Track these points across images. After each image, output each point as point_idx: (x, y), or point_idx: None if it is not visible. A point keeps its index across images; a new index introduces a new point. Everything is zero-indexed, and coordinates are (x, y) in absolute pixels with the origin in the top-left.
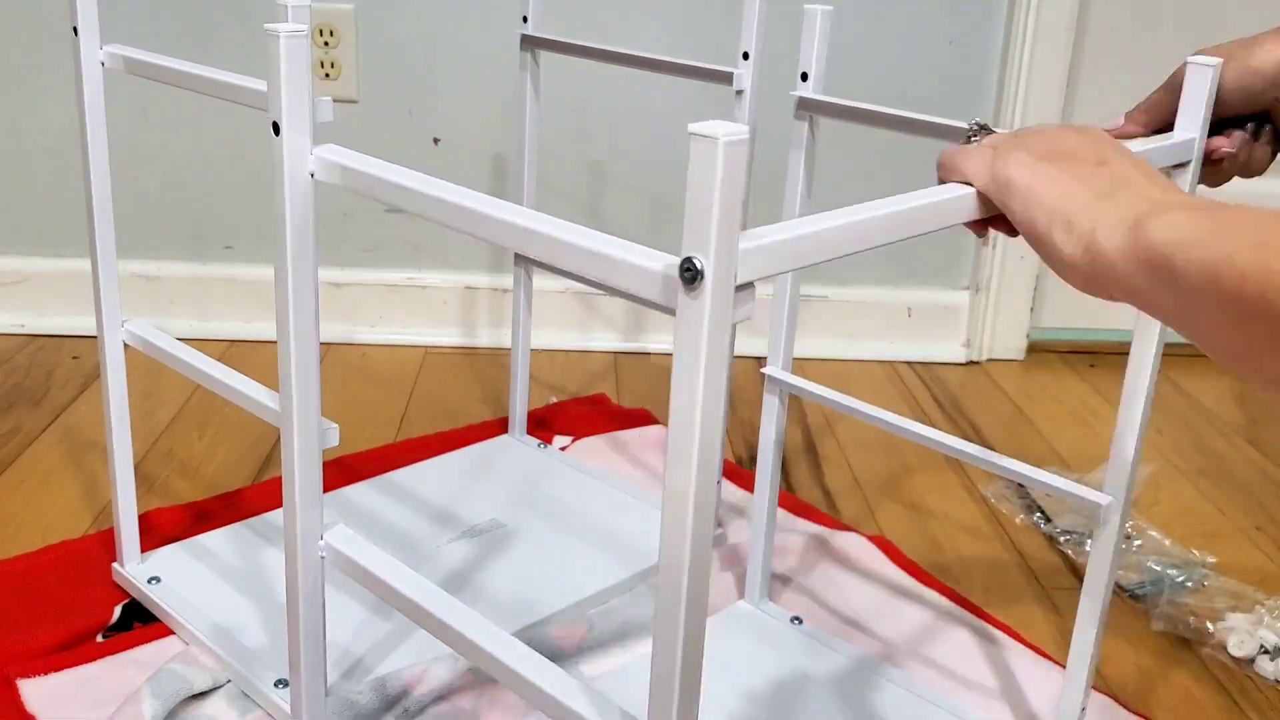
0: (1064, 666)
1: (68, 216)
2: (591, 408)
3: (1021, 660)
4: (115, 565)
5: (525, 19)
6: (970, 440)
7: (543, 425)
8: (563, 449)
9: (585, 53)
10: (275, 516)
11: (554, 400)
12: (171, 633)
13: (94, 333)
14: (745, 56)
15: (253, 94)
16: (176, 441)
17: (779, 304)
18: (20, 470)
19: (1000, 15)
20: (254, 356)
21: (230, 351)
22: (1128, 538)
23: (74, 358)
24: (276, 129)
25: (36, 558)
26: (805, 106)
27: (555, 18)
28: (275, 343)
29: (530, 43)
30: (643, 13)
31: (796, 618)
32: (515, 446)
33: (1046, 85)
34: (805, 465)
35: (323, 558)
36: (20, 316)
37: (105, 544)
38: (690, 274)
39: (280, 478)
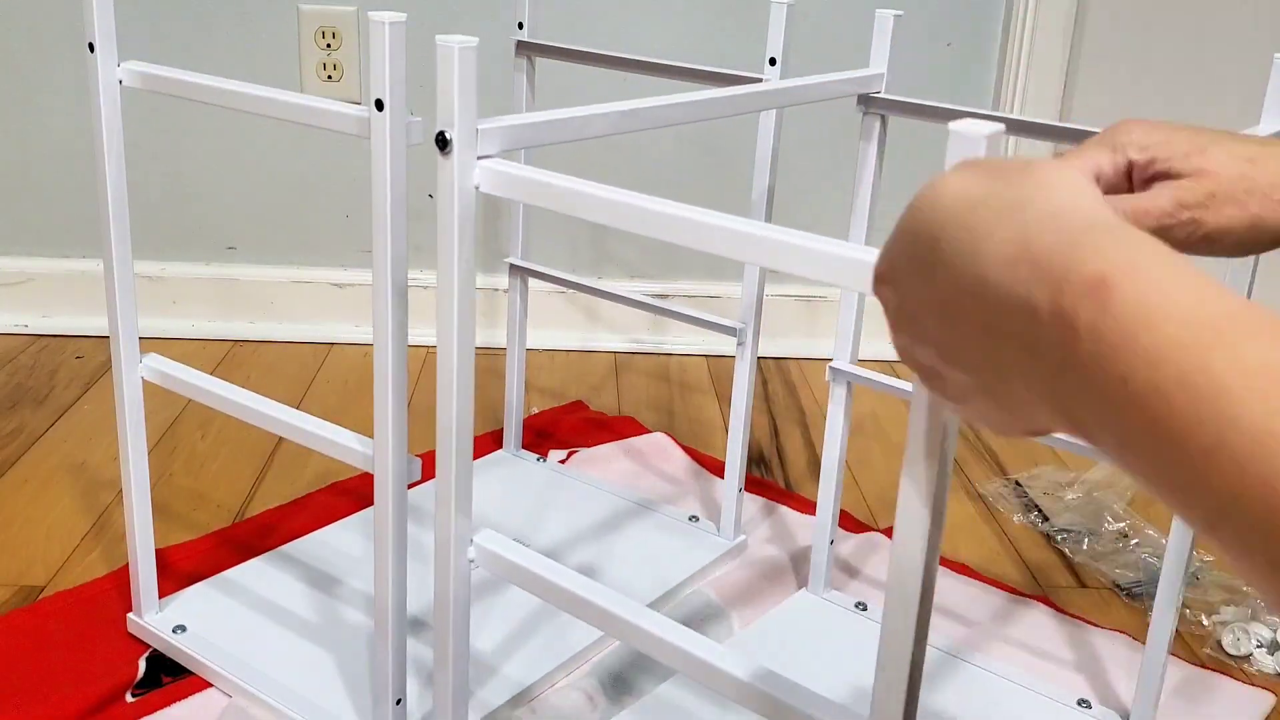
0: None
1: (71, 217)
2: (575, 416)
3: (1093, 639)
4: (131, 616)
5: (521, 25)
6: (967, 440)
7: (534, 436)
8: (561, 461)
9: (585, 58)
10: (294, 548)
11: (535, 410)
12: (208, 685)
13: (97, 333)
14: (772, 62)
15: (297, 109)
16: (180, 441)
17: (845, 302)
18: (24, 470)
19: (998, 17)
20: (257, 358)
21: (234, 352)
22: (1124, 536)
23: (77, 358)
24: (444, 143)
25: (43, 609)
26: (873, 105)
27: (569, 23)
28: (278, 343)
29: (525, 48)
30: (636, 18)
31: (861, 604)
32: (513, 462)
33: (1044, 87)
34: (804, 462)
35: (472, 562)
36: (24, 317)
37: (118, 587)
38: None
39: (299, 500)
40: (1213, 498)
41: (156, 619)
